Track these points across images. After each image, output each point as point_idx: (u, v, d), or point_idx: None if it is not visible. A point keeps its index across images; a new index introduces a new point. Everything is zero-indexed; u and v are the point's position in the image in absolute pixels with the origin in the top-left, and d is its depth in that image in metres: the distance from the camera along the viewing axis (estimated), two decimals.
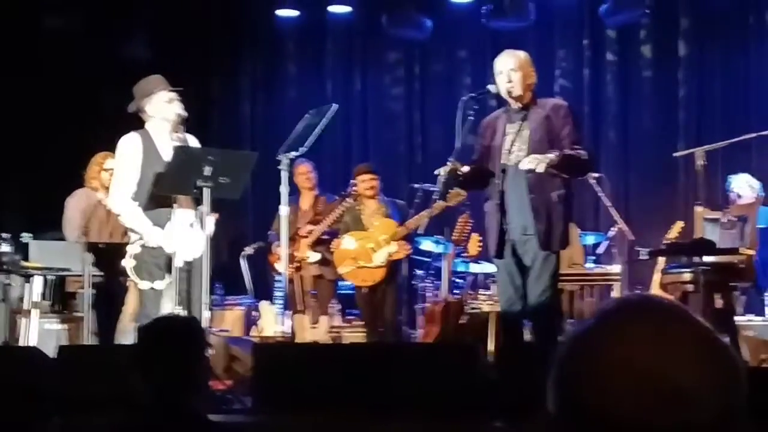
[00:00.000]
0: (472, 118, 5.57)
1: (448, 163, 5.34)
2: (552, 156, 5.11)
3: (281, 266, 6.42)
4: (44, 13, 9.50)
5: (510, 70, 5.35)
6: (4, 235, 6.68)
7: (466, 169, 5.34)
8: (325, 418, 4.64)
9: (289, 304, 7.54)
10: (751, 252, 6.68)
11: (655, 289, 7.26)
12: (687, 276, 6.61)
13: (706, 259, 6.11)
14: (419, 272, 8.48)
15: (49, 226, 7.78)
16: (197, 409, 2.76)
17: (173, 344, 2.78)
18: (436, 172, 5.46)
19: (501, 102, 5.62)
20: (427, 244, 8.21)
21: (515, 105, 5.41)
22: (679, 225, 7.55)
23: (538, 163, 5.08)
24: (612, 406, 0.97)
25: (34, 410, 2.85)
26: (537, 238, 5.27)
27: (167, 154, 5.57)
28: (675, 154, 8.06)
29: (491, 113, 5.70)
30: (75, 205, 7.18)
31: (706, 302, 5.90)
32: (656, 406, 0.97)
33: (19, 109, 9.29)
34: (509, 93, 5.37)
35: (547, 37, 9.86)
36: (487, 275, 7.86)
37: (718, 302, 6.28)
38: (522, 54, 5.50)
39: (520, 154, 5.32)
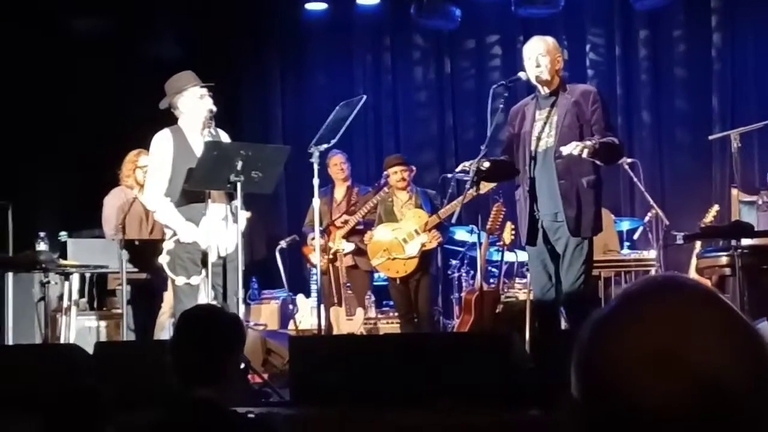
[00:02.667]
0: (503, 106, 5.56)
1: (481, 148, 5.35)
2: (590, 143, 5.08)
3: (316, 258, 6.43)
4: (75, 16, 9.57)
5: (538, 55, 5.34)
6: (41, 234, 6.75)
7: (487, 164, 5.33)
8: (361, 409, 4.65)
9: (325, 297, 7.56)
10: None
11: (692, 274, 7.20)
12: (724, 259, 6.55)
13: (744, 242, 6.05)
14: (454, 262, 8.47)
15: (86, 224, 7.86)
16: (229, 403, 2.75)
17: (210, 332, 2.78)
18: (459, 168, 5.46)
19: (532, 89, 5.61)
20: (461, 234, 8.20)
21: (544, 91, 5.40)
22: (714, 208, 7.48)
23: (582, 148, 5.04)
24: (633, 392, 0.94)
25: (97, 411, 2.86)
26: (567, 224, 5.25)
27: (199, 150, 5.59)
28: (710, 137, 7.98)
29: (521, 101, 5.69)
30: (111, 204, 7.24)
31: (743, 285, 5.84)
32: (678, 393, 0.93)
33: (54, 109, 9.38)
34: (537, 78, 5.35)
35: (577, 24, 9.79)
36: (522, 263, 7.83)
37: (757, 286, 6.22)
38: (550, 39, 5.49)
39: (549, 140, 5.32)
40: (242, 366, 2.93)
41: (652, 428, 0.94)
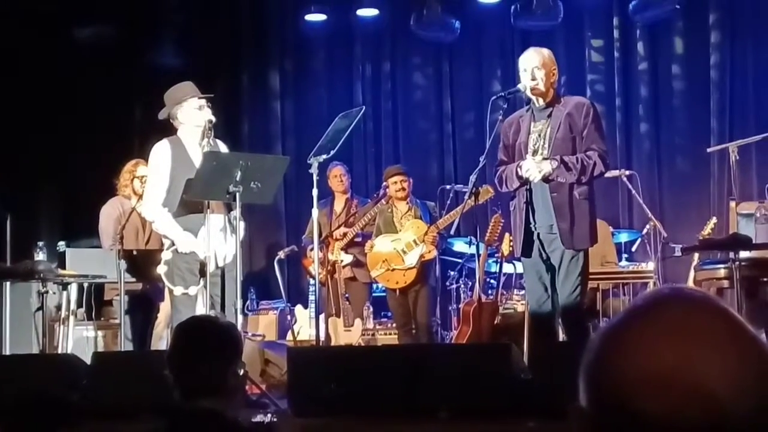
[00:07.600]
0: (501, 117, 5.58)
1: (480, 160, 5.37)
2: (548, 168, 5.15)
3: (315, 269, 6.43)
4: (75, 24, 9.59)
5: (534, 67, 5.36)
6: (39, 243, 6.74)
7: None
8: (359, 421, 4.65)
9: (323, 308, 7.56)
10: None
11: (689, 286, 7.19)
12: (722, 272, 6.54)
13: (742, 254, 6.04)
14: (452, 273, 8.47)
15: (84, 234, 7.85)
16: (229, 413, 2.74)
17: (208, 344, 2.77)
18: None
19: (530, 100, 5.62)
20: (459, 245, 8.20)
21: (539, 103, 5.42)
22: (713, 221, 7.48)
23: (533, 173, 5.22)
24: (641, 404, 0.94)
25: (61, 418, 2.84)
26: (560, 237, 5.26)
27: (198, 161, 5.60)
28: (708, 150, 7.99)
29: (515, 112, 5.71)
30: (108, 214, 7.23)
31: (741, 298, 5.83)
32: (683, 405, 0.93)
33: (52, 118, 9.38)
34: (533, 90, 5.37)
35: (576, 36, 9.80)
36: (520, 275, 7.83)
37: (755, 298, 6.21)
38: (545, 51, 5.51)
39: (543, 152, 5.34)
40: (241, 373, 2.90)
41: None
